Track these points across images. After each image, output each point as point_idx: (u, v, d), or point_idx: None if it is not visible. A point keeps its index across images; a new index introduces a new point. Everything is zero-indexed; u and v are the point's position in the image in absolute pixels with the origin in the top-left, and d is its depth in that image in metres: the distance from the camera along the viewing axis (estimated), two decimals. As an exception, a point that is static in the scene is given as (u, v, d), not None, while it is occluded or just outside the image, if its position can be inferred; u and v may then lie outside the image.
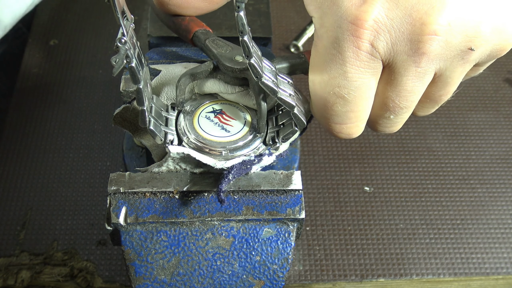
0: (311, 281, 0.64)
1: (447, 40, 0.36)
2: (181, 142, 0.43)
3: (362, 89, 0.38)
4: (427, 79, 0.38)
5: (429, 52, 0.36)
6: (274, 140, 0.43)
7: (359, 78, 0.37)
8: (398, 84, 0.38)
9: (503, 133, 0.78)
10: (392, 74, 0.38)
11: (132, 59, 0.36)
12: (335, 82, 0.38)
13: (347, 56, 0.36)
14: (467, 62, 0.38)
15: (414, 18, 0.35)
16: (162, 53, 0.50)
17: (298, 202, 0.41)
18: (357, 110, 0.39)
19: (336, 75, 0.37)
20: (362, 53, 0.36)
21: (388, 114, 0.41)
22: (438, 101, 0.42)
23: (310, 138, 0.76)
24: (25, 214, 0.67)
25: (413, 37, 0.35)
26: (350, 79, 0.37)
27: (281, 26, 0.89)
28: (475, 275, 0.65)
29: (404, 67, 0.37)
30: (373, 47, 0.36)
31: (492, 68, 0.86)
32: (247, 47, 0.36)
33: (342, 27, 0.36)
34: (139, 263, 0.40)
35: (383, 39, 0.36)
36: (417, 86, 0.38)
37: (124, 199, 0.41)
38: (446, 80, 0.39)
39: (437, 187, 0.72)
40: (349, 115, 0.39)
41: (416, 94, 0.39)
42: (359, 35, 0.35)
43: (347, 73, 0.37)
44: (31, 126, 0.75)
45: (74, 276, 0.63)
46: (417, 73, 0.37)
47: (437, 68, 0.38)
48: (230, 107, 0.45)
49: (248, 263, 0.41)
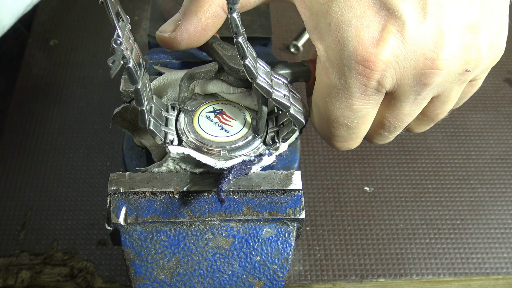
0: (311, 281, 0.64)
1: (449, 70, 0.36)
2: (181, 142, 0.43)
3: (366, 117, 0.39)
4: (424, 103, 0.39)
5: (431, 84, 0.37)
6: (274, 140, 0.43)
7: (364, 109, 0.38)
8: (396, 108, 0.39)
9: (503, 133, 0.78)
10: (392, 100, 0.39)
11: (129, 60, 0.36)
12: (340, 112, 0.39)
13: (353, 92, 0.37)
14: (464, 82, 0.39)
15: (419, 54, 0.35)
16: (162, 53, 0.50)
17: (298, 202, 0.41)
18: (358, 132, 0.41)
19: (341, 107, 0.38)
20: (369, 89, 0.37)
21: (383, 131, 0.42)
22: (435, 119, 0.43)
23: (310, 138, 0.76)
24: (25, 214, 0.67)
25: (417, 71, 0.36)
26: (354, 110, 0.38)
27: (281, 26, 0.89)
28: (475, 275, 0.65)
29: (405, 95, 0.38)
30: (379, 84, 0.37)
31: (492, 68, 0.86)
32: (241, 48, 0.36)
33: (350, 67, 0.36)
34: (139, 263, 0.40)
35: (389, 75, 0.36)
36: (414, 110, 0.40)
37: (124, 199, 0.41)
38: (444, 100, 0.40)
39: (437, 187, 0.72)
40: (351, 137, 0.42)
41: (411, 117, 0.40)
42: (368, 75, 0.36)
43: (352, 105, 0.38)
44: (31, 126, 0.75)
45: (74, 276, 0.63)
46: (416, 100, 0.38)
47: (435, 92, 0.39)
48: (231, 107, 0.45)
49: (248, 263, 0.41)
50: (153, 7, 0.58)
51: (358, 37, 0.35)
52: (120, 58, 0.35)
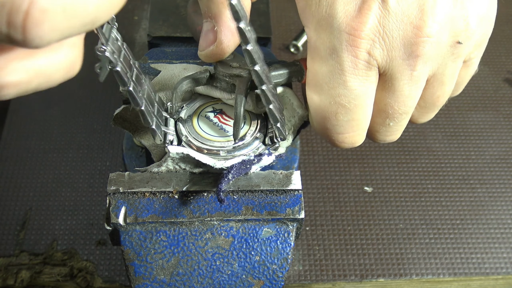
0: (311, 281, 0.64)
1: (438, 39, 0.37)
2: (181, 142, 0.43)
3: (362, 97, 0.39)
4: (422, 83, 0.39)
5: (423, 54, 0.37)
6: (273, 140, 0.43)
7: (359, 87, 0.38)
8: (395, 89, 0.39)
9: (503, 133, 0.78)
10: (389, 80, 0.39)
11: (117, 63, 0.35)
12: (335, 92, 0.38)
13: (345, 65, 0.37)
14: (458, 57, 0.39)
15: (406, 23, 0.36)
16: (162, 53, 0.50)
17: (297, 202, 0.41)
18: (358, 118, 0.40)
19: (336, 85, 0.38)
20: (360, 61, 0.37)
21: (388, 121, 0.41)
22: (437, 103, 0.42)
23: (310, 138, 0.76)
24: (25, 214, 0.67)
25: (406, 41, 0.36)
26: (349, 87, 0.38)
27: (281, 26, 0.89)
28: (474, 275, 0.65)
29: (400, 71, 0.38)
30: (370, 56, 0.37)
31: (492, 68, 0.86)
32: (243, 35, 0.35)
33: (340, 38, 0.37)
34: (139, 263, 0.40)
35: (379, 46, 0.37)
36: (413, 91, 0.39)
37: (124, 199, 0.41)
38: (442, 79, 0.40)
39: (437, 187, 0.72)
40: (351, 124, 0.40)
41: (413, 99, 0.40)
42: (357, 45, 0.36)
43: (346, 82, 0.38)
44: (31, 126, 0.75)
45: (74, 276, 0.63)
46: (412, 77, 0.38)
47: (431, 69, 0.39)
48: (230, 107, 0.45)
49: (248, 263, 0.41)
50: (152, 7, 0.58)
51: (345, 10, 0.37)
52: (106, 64, 0.35)
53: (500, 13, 0.97)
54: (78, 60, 0.31)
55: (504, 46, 0.88)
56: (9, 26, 0.24)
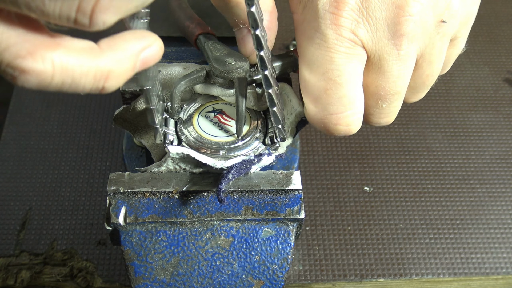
0: (311, 281, 0.64)
1: (421, 18, 0.38)
2: (181, 142, 0.43)
3: (350, 73, 0.40)
4: (411, 62, 0.40)
5: (407, 33, 0.38)
6: (273, 140, 0.43)
7: (346, 63, 0.39)
8: (385, 70, 0.40)
9: (503, 133, 0.78)
10: (378, 62, 0.40)
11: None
12: (324, 67, 0.39)
13: (331, 43, 0.39)
14: (443, 36, 0.40)
15: (388, 3, 0.38)
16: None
17: (297, 202, 0.41)
18: (349, 95, 0.40)
19: (323, 62, 0.39)
20: (344, 39, 0.38)
21: (381, 103, 0.42)
22: (426, 82, 0.43)
23: (310, 138, 0.76)
24: (25, 214, 0.67)
25: (390, 21, 0.38)
26: (336, 63, 0.39)
27: (281, 26, 0.88)
28: (474, 275, 0.65)
29: (387, 51, 0.39)
30: (355, 35, 0.38)
31: (492, 68, 0.86)
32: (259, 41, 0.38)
33: (324, 18, 0.39)
34: (139, 263, 0.40)
35: (363, 27, 0.38)
36: (403, 70, 0.40)
37: (124, 199, 0.41)
38: (430, 58, 0.41)
39: (437, 187, 0.72)
40: (343, 101, 0.40)
41: (403, 79, 0.41)
42: (340, 23, 0.38)
43: (333, 58, 0.39)
44: (31, 126, 0.75)
45: (74, 276, 0.63)
46: (400, 56, 0.39)
47: (418, 49, 0.40)
48: (230, 107, 0.45)
49: (248, 263, 0.41)
50: (152, 7, 0.58)
51: None
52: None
53: (500, 13, 0.97)
54: (111, 75, 0.31)
55: (504, 46, 0.88)
56: (78, 11, 0.26)
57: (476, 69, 0.86)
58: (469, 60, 0.87)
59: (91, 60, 0.29)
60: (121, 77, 0.31)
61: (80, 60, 0.29)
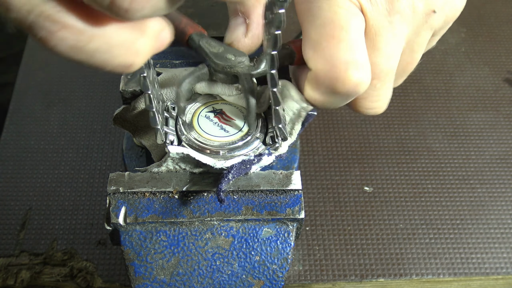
0: (311, 281, 0.64)
1: (414, 4, 0.40)
2: (181, 142, 0.43)
3: (354, 26, 0.40)
4: (402, 43, 0.42)
5: (401, 11, 0.40)
6: (274, 140, 0.43)
7: (350, 17, 0.40)
8: (381, 46, 0.41)
9: (503, 133, 0.78)
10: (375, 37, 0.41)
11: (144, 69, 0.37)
12: (329, 18, 0.40)
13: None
14: (429, 27, 0.42)
15: None
16: (162, 52, 0.49)
17: (297, 202, 0.41)
18: (355, 39, 0.39)
19: (328, 14, 0.40)
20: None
21: (375, 82, 0.42)
22: (406, 69, 0.45)
23: (310, 138, 0.76)
24: (25, 214, 0.67)
25: None
26: (340, 14, 0.40)
27: (281, 26, 0.89)
28: (474, 275, 0.65)
29: (384, 27, 0.41)
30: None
31: (492, 68, 0.86)
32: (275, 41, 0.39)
33: None
34: (139, 263, 0.40)
35: None
36: (395, 50, 0.41)
37: (124, 199, 0.41)
38: (413, 46, 0.43)
39: (437, 187, 0.72)
40: (350, 45, 0.39)
41: (396, 58, 0.42)
42: None
43: (337, 11, 0.40)
44: (31, 126, 0.75)
45: (74, 276, 0.63)
46: (395, 35, 0.41)
47: (406, 34, 0.41)
48: (230, 107, 0.45)
49: (248, 263, 0.41)
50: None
51: None
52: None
53: (500, 13, 0.97)
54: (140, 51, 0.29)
55: (504, 46, 0.88)
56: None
57: (476, 69, 0.86)
58: (469, 60, 0.87)
59: (129, 32, 0.28)
60: (148, 54, 0.30)
61: (121, 28, 0.27)
